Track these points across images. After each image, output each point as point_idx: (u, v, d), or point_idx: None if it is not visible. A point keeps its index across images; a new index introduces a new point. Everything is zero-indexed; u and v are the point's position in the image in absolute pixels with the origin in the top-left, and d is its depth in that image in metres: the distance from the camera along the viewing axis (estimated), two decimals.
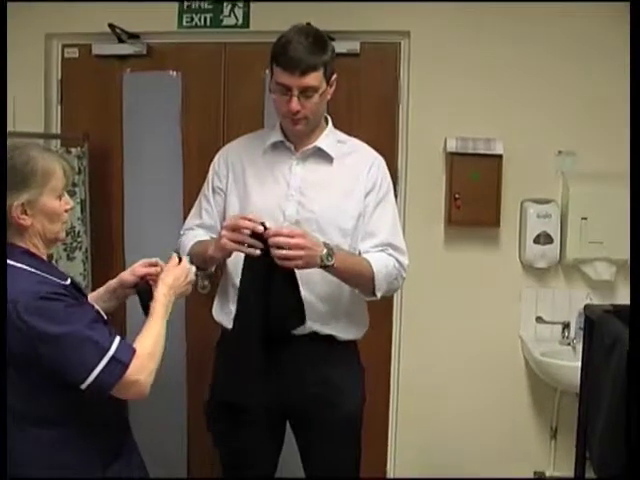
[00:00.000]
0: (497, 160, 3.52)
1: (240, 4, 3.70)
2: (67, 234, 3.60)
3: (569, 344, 3.53)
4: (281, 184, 2.51)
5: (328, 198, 2.49)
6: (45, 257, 1.97)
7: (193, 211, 2.75)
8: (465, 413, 3.72)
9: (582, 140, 3.53)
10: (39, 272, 1.87)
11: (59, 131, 3.95)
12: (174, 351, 3.85)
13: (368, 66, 3.68)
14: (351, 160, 2.56)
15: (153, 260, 2.22)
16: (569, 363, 3.23)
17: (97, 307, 2.04)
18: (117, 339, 1.85)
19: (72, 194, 3.59)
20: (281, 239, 2.21)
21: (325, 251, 2.28)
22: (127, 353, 1.84)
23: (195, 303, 3.79)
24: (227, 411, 2.49)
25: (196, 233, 2.65)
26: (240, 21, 3.72)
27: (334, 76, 2.47)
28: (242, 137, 2.74)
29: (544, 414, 3.71)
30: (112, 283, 2.27)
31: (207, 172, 2.75)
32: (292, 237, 2.22)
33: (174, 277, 2.11)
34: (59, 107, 3.95)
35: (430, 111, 3.60)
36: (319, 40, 2.40)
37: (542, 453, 3.71)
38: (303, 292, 2.39)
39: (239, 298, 2.39)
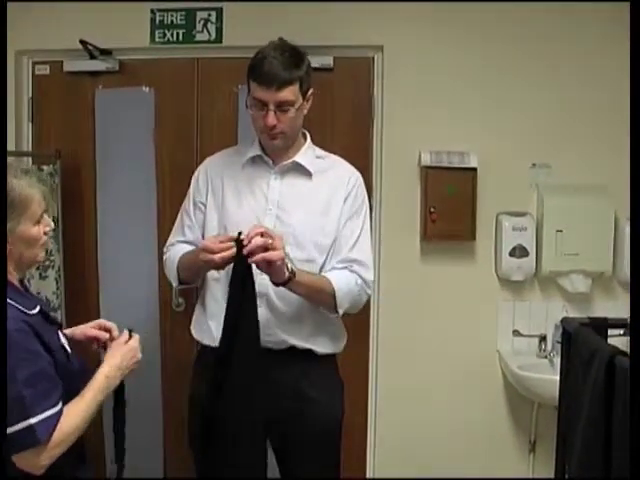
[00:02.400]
0: (472, 173, 3.53)
1: (213, 19, 3.69)
2: None
3: (546, 357, 3.52)
4: (259, 198, 2.52)
5: (306, 213, 2.50)
6: (16, 281, 1.94)
7: (175, 227, 2.74)
8: (443, 427, 3.71)
9: (556, 152, 3.55)
10: (11, 302, 1.82)
11: (31, 148, 3.92)
12: (149, 370, 3.84)
13: (342, 81, 3.68)
14: (329, 176, 2.56)
15: (108, 324, 2.17)
16: (547, 376, 3.22)
17: (63, 339, 1.99)
18: (50, 411, 1.77)
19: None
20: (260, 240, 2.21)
21: (288, 261, 2.30)
22: (46, 430, 1.77)
23: (170, 321, 3.78)
24: (209, 428, 2.45)
25: (179, 248, 2.63)
26: (213, 36, 3.71)
27: (310, 91, 2.49)
28: (221, 152, 2.74)
29: (522, 427, 3.70)
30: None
31: (181, 188, 2.74)
32: (273, 238, 2.22)
33: (121, 357, 2.04)
34: (30, 124, 3.91)
35: (404, 125, 3.61)
36: (295, 55, 2.43)
37: (521, 467, 3.69)
38: (281, 307, 2.40)
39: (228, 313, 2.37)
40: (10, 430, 1.73)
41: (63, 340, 1.98)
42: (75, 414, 1.85)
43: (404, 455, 3.71)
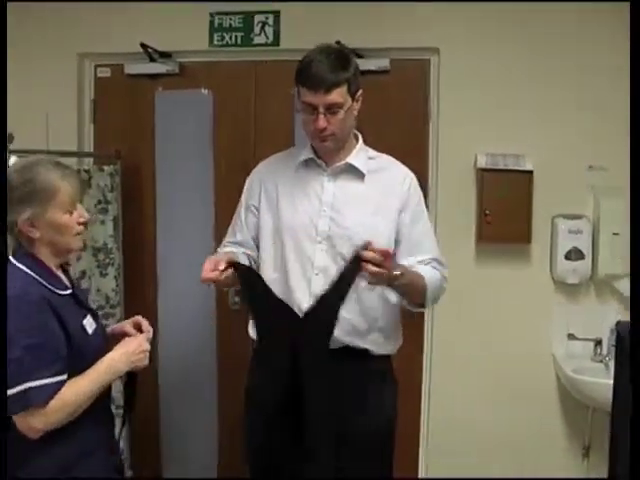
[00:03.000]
0: (527, 176, 3.52)
1: (270, 22, 3.74)
2: (99, 251, 3.66)
3: (601, 361, 3.49)
4: (313, 200, 2.54)
5: (360, 214, 2.51)
6: (53, 265, 2.11)
7: (229, 229, 2.79)
8: (496, 430, 3.70)
9: (613, 154, 3.48)
10: (34, 275, 2.03)
11: (92, 149, 4.01)
12: (206, 365, 3.91)
13: (398, 83, 3.69)
14: (382, 176, 2.58)
15: (139, 321, 2.31)
16: (601, 380, 3.19)
17: (88, 323, 2.14)
18: (45, 380, 1.93)
19: (105, 211, 3.65)
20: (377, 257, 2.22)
21: (399, 272, 2.31)
22: (40, 396, 1.93)
23: (226, 319, 3.83)
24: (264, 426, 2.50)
25: (226, 250, 2.67)
26: (270, 39, 3.76)
27: (359, 92, 2.49)
28: (274, 155, 2.77)
29: (577, 432, 3.66)
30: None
31: (238, 188, 2.79)
32: (385, 258, 2.22)
33: (127, 345, 2.17)
34: (92, 126, 4.01)
35: (460, 127, 3.61)
36: (341, 57, 2.44)
37: (574, 472, 3.65)
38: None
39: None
40: (9, 392, 1.90)
41: (87, 322, 2.13)
42: (76, 388, 2.00)
43: (456, 457, 3.71)
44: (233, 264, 2.36)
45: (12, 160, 2.61)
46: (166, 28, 3.79)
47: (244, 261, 2.57)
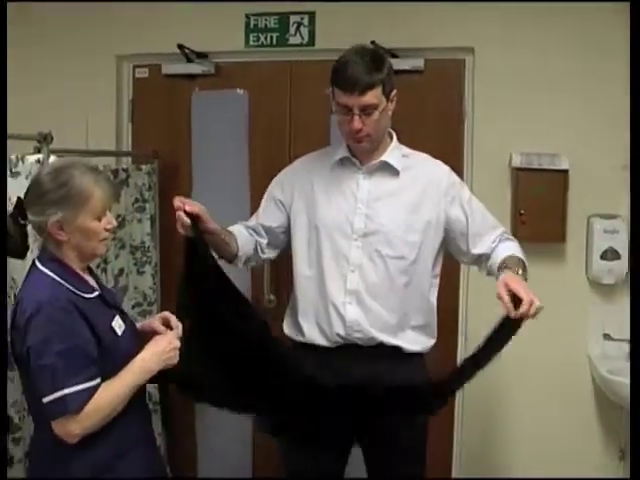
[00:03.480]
0: (562, 175, 3.51)
1: (306, 23, 3.77)
2: (137, 249, 3.72)
3: None
4: (348, 198, 2.57)
5: (395, 211, 2.54)
6: (79, 268, 2.13)
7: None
8: (531, 430, 3.70)
9: None
10: (61, 280, 2.03)
11: (130, 149, 4.07)
12: None
13: (432, 83, 3.70)
14: (417, 173, 2.61)
15: (168, 317, 2.34)
16: None
17: (118, 323, 2.16)
18: (83, 385, 1.95)
19: (142, 210, 3.71)
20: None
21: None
22: (77, 402, 1.94)
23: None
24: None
25: (235, 228, 2.82)
26: (306, 40, 3.79)
27: (394, 92, 2.52)
28: (310, 154, 2.82)
29: (612, 434, 3.65)
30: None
31: None
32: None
33: (158, 345, 2.18)
34: (130, 125, 4.08)
35: (495, 127, 3.61)
36: (375, 59, 2.46)
37: (611, 473, 3.64)
38: (371, 304, 2.46)
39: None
40: (46, 399, 1.93)
41: (116, 323, 2.14)
42: (110, 391, 2.01)
43: (489, 458, 3.73)
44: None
45: (51, 159, 2.66)
46: (202, 29, 3.83)
47: (247, 240, 2.74)
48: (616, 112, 3.50)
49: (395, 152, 2.63)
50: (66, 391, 1.92)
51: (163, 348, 2.17)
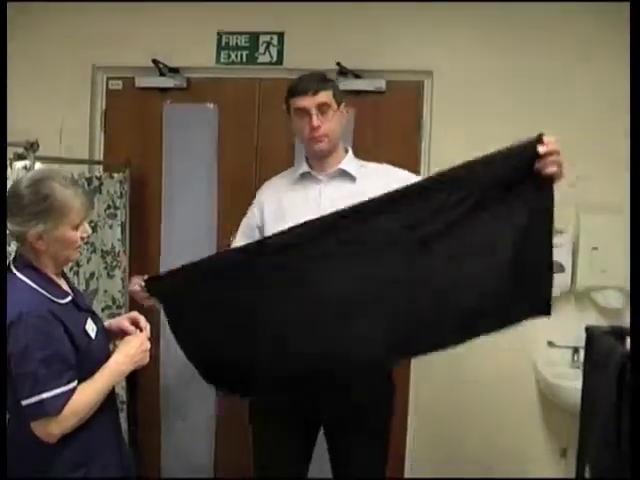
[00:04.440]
0: None
1: (275, 43, 3.94)
2: (108, 254, 3.85)
3: (579, 367, 3.61)
4: (312, 206, 2.72)
5: None
6: (53, 275, 2.20)
7: (238, 234, 2.97)
8: (478, 432, 3.87)
9: (594, 172, 3.63)
10: (37, 287, 2.10)
11: (102, 157, 4.19)
12: None
13: (393, 103, 3.88)
14: (374, 178, 2.74)
15: (137, 317, 2.40)
16: (578, 385, 3.36)
17: (90, 326, 2.23)
18: (59, 389, 2.02)
19: (113, 216, 3.84)
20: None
21: None
22: (56, 405, 2.02)
23: None
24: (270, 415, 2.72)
25: None
26: (274, 58, 3.95)
27: (343, 104, 2.75)
28: (274, 177, 3.00)
29: (556, 435, 3.83)
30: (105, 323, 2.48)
31: (241, 199, 3.04)
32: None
33: (130, 346, 2.29)
34: (103, 135, 4.20)
35: (451, 147, 3.76)
36: (322, 75, 2.77)
37: (554, 472, 3.81)
38: None
39: None
40: (25, 402, 2.00)
41: (89, 327, 2.21)
42: (85, 393, 2.10)
43: (438, 460, 3.89)
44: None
45: (37, 166, 2.77)
46: (176, 45, 3.98)
47: None
48: (566, 130, 3.68)
49: (351, 162, 2.82)
50: (44, 395, 2.00)
51: (135, 350, 2.27)
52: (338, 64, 3.65)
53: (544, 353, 3.81)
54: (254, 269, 2.43)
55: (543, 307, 2.36)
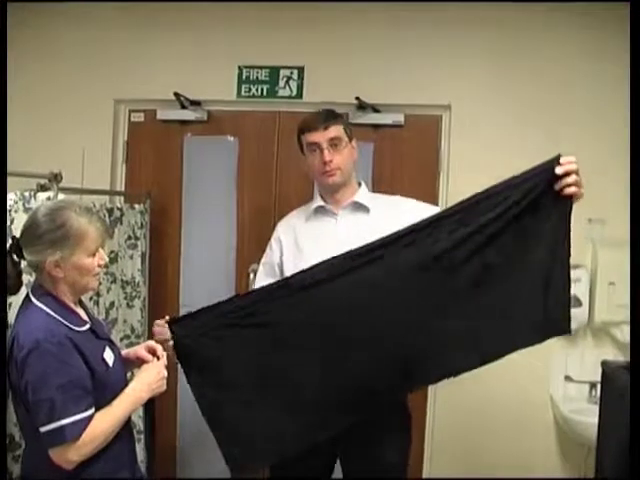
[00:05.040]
0: None
1: (295, 77, 4.00)
2: (127, 284, 3.87)
3: (596, 403, 3.62)
4: (328, 239, 2.75)
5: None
6: (72, 302, 2.22)
7: (259, 273, 2.99)
8: (496, 469, 3.81)
9: (611, 208, 3.66)
10: (55, 315, 2.11)
11: (124, 188, 4.24)
12: None
13: (411, 136, 3.93)
14: (386, 207, 2.79)
15: (154, 346, 2.39)
16: (595, 420, 3.35)
17: (108, 354, 2.25)
18: (77, 416, 2.03)
19: (134, 247, 3.88)
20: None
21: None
22: (73, 432, 2.02)
23: None
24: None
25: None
26: (294, 92, 4.01)
27: (354, 141, 2.82)
28: (292, 212, 3.04)
29: (573, 470, 3.81)
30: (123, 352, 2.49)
31: (260, 231, 3.06)
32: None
33: (148, 374, 2.30)
34: (124, 166, 4.25)
35: (469, 180, 3.75)
36: (332, 110, 2.86)
37: None
38: None
39: None
40: (43, 429, 2.01)
41: (107, 355, 2.23)
42: (104, 420, 2.10)
43: None
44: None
45: (60, 197, 2.80)
46: (197, 78, 4.05)
47: None
48: (583, 167, 3.71)
49: (365, 194, 2.86)
50: (63, 422, 2.00)
51: (153, 378, 2.28)
52: (357, 98, 3.69)
53: (561, 387, 3.80)
54: (278, 308, 2.44)
55: (563, 325, 2.35)
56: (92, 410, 2.08)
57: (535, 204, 2.32)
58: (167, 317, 2.47)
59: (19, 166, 2.91)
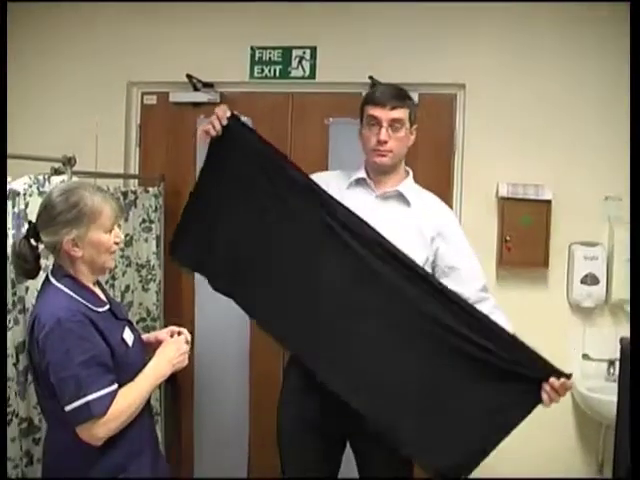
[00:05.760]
0: (546, 205, 3.71)
1: (307, 57, 3.97)
2: (143, 267, 3.88)
3: (614, 380, 3.61)
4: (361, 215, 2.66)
5: (402, 237, 2.60)
6: (90, 283, 2.25)
7: None
8: (513, 445, 3.79)
9: (627, 185, 3.61)
10: (75, 295, 2.14)
11: (137, 172, 4.24)
12: (238, 385, 4.09)
13: (426, 115, 3.81)
14: (426, 209, 2.73)
15: (177, 329, 2.43)
16: (613, 398, 3.34)
17: (128, 334, 2.27)
18: (103, 391, 2.05)
19: (148, 230, 3.88)
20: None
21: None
22: (100, 408, 2.04)
23: (260, 333, 4.02)
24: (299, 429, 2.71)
25: None
26: (307, 73, 3.99)
27: (415, 126, 2.74)
28: (329, 172, 3.00)
29: (591, 448, 3.82)
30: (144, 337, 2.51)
31: None
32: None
33: (169, 349, 2.31)
34: (138, 149, 4.25)
35: (483, 158, 3.80)
36: (405, 91, 2.74)
37: None
38: None
39: None
40: (69, 407, 2.02)
41: (126, 335, 2.25)
42: (128, 395, 2.13)
43: (473, 473, 3.84)
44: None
45: (74, 179, 2.80)
46: (209, 60, 4.03)
47: None
48: (598, 146, 3.70)
49: (410, 186, 2.77)
50: (89, 397, 2.01)
51: (174, 353, 2.30)
52: (370, 77, 3.66)
53: (579, 365, 3.78)
54: None
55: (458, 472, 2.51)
56: (115, 386, 2.10)
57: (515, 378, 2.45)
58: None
59: (33, 150, 2.92)
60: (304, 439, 2.73)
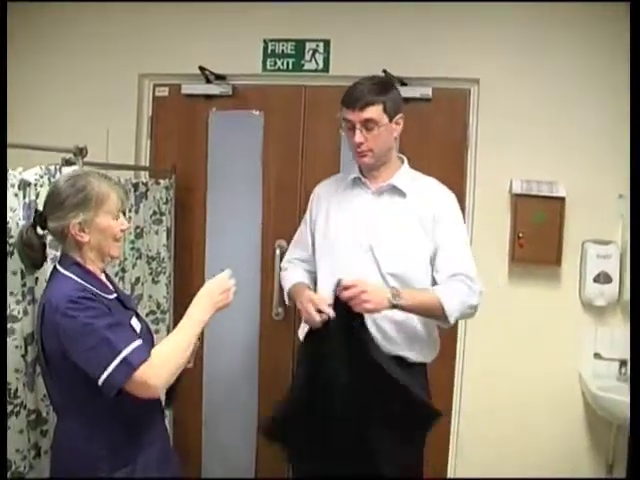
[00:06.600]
0: (559, 202, 3.67)
1: (321, 50, 3.94)
2: (153, 259, 3.86)
3: (626, 380, 3.60)
4: (357, 216, 2.75)
5: (398, 231, 2.71)
6: (98, 270, 2.26)
7: (293, 243, 3.06)
8: (523, 445, 3.84)
9: None
10: (84, 283, 2.14)
11: (148, 164, 4.22)
12: (247, 376, 4.06)
13: (439, 110, 3.87)
14: (423, 196, 2.76)
15: None
16: (625, 398, 3.28)
17: (135, 322, 2.27)
18: (134, 343, 2.04)
19: (159, 222, 3.86)
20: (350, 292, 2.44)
21: (390, 294, 2.50)
22: (139, 357, 2.02)
23: (269, 327, 4.01)
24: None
25: (294, 271, 2.94)
26: (320, 66, 3.96)
27: (399, 115, 2.73)
28: (333, 177, 3.02)
29: (601, 449, 3.79)
30: None
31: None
32: (355, 286, 2.43)
33: (207, 290, 2.26)
34: (149, 142, 4.22)
35: (497, 154, 3.77)
36: (381, 83, 2.74)
37: None
38: (379, 320, 2.63)
39: None
40: (106, 373, 1.99)
41: (134, 323, 2.25)
42: (170, 342, 2.14)
43: (483, 470, 3.82)
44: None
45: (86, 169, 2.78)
46: (222, 53, 4.01)
47: (307, 280, 2.85)
48: (612, 144, 3.67)
49: (403, 176, 2.79)
50: (124, 353, 1.99)
51: (214, 292, 2.25)
52: (384, 71, 3.63)
53: (591, 365, 3.76)
54: None
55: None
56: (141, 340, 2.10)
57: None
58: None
59: (44, 141, 2.91)
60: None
